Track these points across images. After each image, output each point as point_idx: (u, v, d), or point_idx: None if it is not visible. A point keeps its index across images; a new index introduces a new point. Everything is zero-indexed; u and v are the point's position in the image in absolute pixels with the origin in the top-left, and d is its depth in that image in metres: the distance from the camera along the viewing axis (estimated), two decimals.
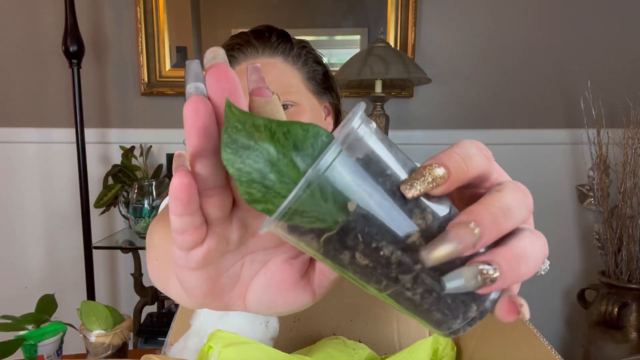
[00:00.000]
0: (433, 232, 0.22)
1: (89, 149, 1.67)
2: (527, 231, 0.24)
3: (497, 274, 0.22)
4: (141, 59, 1.76)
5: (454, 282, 0.22)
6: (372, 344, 0.61)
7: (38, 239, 1.88)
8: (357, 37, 1.80)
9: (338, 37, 1.82)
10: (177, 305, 0.72)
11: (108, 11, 1.78)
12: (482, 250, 0.23)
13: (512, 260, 0.22)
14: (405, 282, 0.23)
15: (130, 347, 0.90)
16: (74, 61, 1.55)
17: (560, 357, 0.39)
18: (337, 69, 1.64)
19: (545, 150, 1.83)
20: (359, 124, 0.22)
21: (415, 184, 0.22)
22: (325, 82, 0.78)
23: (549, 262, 0.29)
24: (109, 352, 0.76)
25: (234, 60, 0.72)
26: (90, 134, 1.72)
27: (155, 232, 0.45)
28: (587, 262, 1.88)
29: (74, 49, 1.53)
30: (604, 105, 1.67)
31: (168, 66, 1.79)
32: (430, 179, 0.22)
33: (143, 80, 1.78)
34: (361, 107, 0.23)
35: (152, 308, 1.75)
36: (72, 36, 1.53)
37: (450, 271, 0.22)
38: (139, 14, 1.74)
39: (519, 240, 0.23)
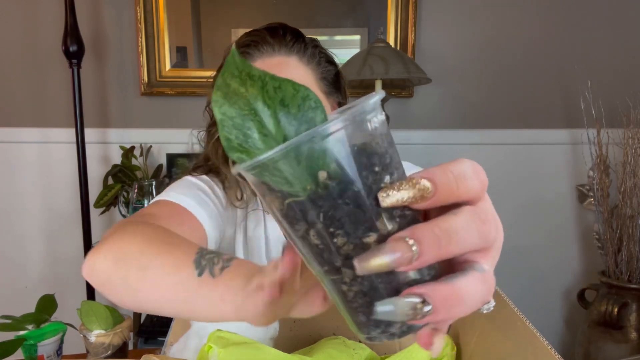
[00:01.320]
0: None
1: (89, 149, 1.67)
2: (475, 272, 0.24)
3: (429, 310, 0.22)
4: (141, 59, 1.76)
5: (386, 308, 0.22)
6: (372, 344, 0.61)
7: (38, 239, 1.88)
8: (357, 37, 1.80)
9: (338, 37, 1.82)
10: None
11: (108, 11, 1.77)
12: (426, 274, 0.23)
13: (447, 300, 0.22)
14: (346, 276, 0.23)
15: (130, 347, 0.90)
16: (74, 61, 1.55)
17: (560, 357, 0.39)
18: None
19: (545, 150, 1.83)
20: (372, 108, 0.22)
21: (393, 193, 0.22)
22: (336, 82, 0.78)
23: (494, 303, 0.27)
24: (109, 352, 0.76)
25: (249, 56, 0.72)
26: (90, 134, 1.72)
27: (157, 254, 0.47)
28: (587, 262, 1.88)
29: (74, 49, 1.53)
30: (604, 105, 1.67)
31: (168, 66, 1.79)
32: (415, 192, 0.22)
33: (143, 80, 1.78)
34: (379, 94, 0.23)
35: None
36: (72, 36, 1.53)
37: (388, 282, 0.22)
38: (139, 14, 1.74)
39: (462, 281, 0.23)
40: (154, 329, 1.62)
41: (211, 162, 0.79)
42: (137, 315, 1.65)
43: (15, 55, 1.79)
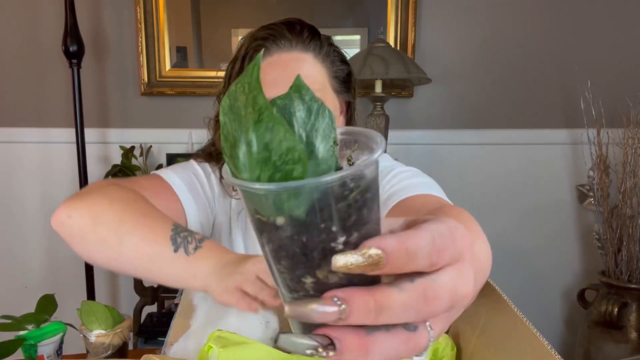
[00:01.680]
0: (321, 290, 0.23)
1: (89, 149, 1.67)
2: (402, 331, 0.23)
3: (332, 355, 0.23)
4: (141, 59, 1.76)
5: (290, 341, 0.23)
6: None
7: (38, 239, 1.88)
8: (357, 37, 1.80)
9: (338, 37, 1.82)
10: (177, 305, 0.72)
11: (108, 11, 1.77)
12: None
13: (355, 349, 0.22)
14: (284, 290, 0.25)
15: (130, 347, 0.90)
16: (74, 61, 1.55)
17: (560, 357, 0.39)
18: None
19: (545, 150, 1.83)
20: (353, 178, 0.23)
21: (343, 258, 0.22)
22: (347, 82, 0.79)
23: (424, 358, 0.28)
24: (109, 352, 0.76)
25: (267, 50, 0.73)
26: (90, 134, 1.71)
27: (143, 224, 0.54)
28: (587, 262, 1.88)
29: (74, 49, 1.53)
30: (604, 105, 1.67)
31: (168, 66, 1.79)
32: (364, 261, 0.22)
33: (143, 80, 1.78)
34: (378, 150, 0.24)
35: (152, 308, 1.75)
36: (72, 36, 1.53)
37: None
38: (139, 14, 1.74)
39: (380, 336, 0.23)
40: (154, 329, 1.62)
41: (215, 148, 0.81)
42: (137, 316, 1.65)
43: (15, 55, 1.79)
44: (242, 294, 0.51)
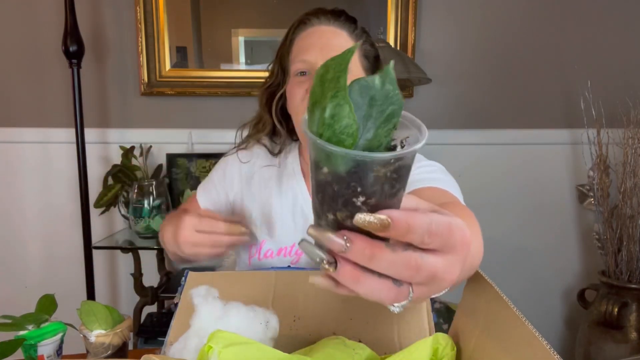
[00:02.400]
0: (337, 227, 0.31)
1: (89, 149, 1.67)
2: (388, 282, 0.31)
3: (332, 271, 0.31)
4: (141, 59, 1.76)
5: (308, 247, 0.32)
6: (372, 343, 0.61)
7: (38, 239, 1.88)
8: None
9: None
10: (176, 305, 0.74)
11: (108, 11, 1.78)
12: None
13: (350, 278, 0.31)
14: (314, 215, 0.33)
15: (130, 347, 0.90)
16: (74, 61, 1.55)
17: (560, 357, 0.39)
18: None
19: (545, 150, 1.83)
20: (387, 161, 0.29)
21: (362, 217, 0.29)
22: (375, 63, 0.91)
23: (400, 309, 0.31)
24: (109, 352, 0.76)
25: (309, 22, 0.87)
26: (90, 134, 1.72)
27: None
28: (587, 262, 1.88)
29: (74, 49, 1.53)
30: (604, 105, 1.67)
31: (168, 66, 1.79)
32: (375, 222, 0.29)
33: (143, 80, 1.78)
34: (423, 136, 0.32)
35: (152, 308, 1.75)
36: (72, 36, 1.53)
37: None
38: (139, 14, 1.74)
39: (371, 279, 0.31)
40: (153, 329, 1.62)
41: (262, 122, 0.96)
42: (137, 315, 1.65)
43: (15, 56, 1.80)
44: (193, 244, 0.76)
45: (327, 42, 0.84)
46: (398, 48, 1.74)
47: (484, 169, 1.83)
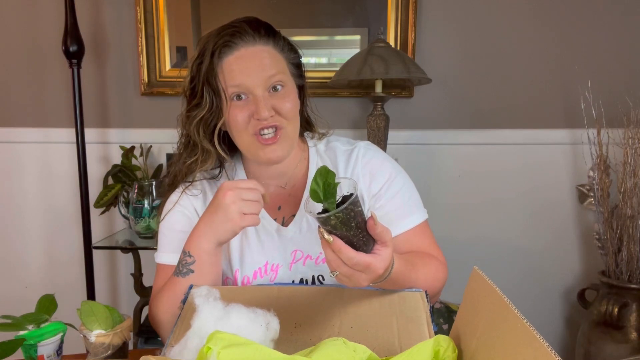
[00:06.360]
0: (331, 232, 0.63)
1: (89, 149, 1.67)
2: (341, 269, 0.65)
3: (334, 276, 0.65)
4: (141, 59, 1.76)
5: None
6: (373, 347, 0.61)
7: (38, 239, 1.88)
8: (357, 37, 1.80)
9: (338, 37, 1.82)
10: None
11: (108, 11, 1.77)
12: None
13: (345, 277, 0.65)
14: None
15: (130, 347, 0.90)
16: (74, 61, 1.55)
17: (560, 357, 0.39)
18: (337, 69, 1.64)
19: (545, 150, 1.82)
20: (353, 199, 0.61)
21: (324, 235, 0.63)
22: (300, 68, 0.94)
23: (336, 273, 0.65)
24: (109, 352, 0.76)
25: (234, 45, 0.85)
26: (90, 134, 1.71)
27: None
28: (587, 262, 1.88)
29: (74, 49, 1.53)
30: (604, 105, 1.67)
31: (168, 66, 1.79)
32: (328, 241, 0.63)
33: (143, 80, 1.78)
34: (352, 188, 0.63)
35: None
36: (72, 36, 1.53)
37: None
38: (139, 14, 1.74)
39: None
40: (154, 329, 1.62)
41: (204, 153, 0.92)
42: (137, 315, 1.65)
43: (15, 56, 1.80)
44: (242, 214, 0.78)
45: (259, 63, 0.84)
46: (398, 48, 1.73)
47: (483, 169, 1.83)
